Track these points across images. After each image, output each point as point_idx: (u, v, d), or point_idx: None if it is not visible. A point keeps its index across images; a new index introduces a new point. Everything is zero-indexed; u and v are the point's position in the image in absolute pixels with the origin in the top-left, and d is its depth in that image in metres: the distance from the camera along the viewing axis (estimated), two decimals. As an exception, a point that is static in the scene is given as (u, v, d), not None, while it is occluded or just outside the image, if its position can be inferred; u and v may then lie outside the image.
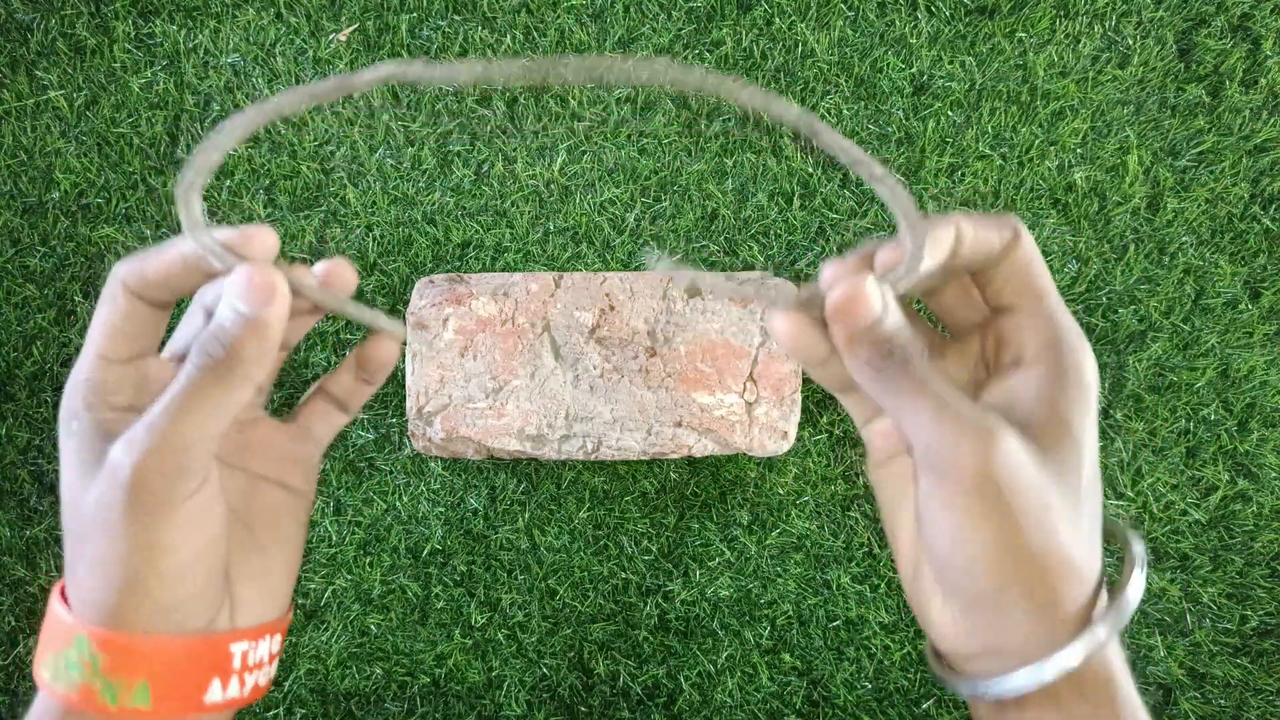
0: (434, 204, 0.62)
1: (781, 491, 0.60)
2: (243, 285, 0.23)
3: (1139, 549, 0.25)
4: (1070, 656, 0.22)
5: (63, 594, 0.25)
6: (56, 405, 0.60)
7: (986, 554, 0.22)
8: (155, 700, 0.24)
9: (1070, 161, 0.62)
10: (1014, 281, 0.24)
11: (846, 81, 0.63)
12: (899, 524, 0.27)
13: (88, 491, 0.23)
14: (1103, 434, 0.61)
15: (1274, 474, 0.60)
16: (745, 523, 0.60)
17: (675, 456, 0.56)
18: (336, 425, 0.31)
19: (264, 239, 0.24)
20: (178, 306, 0.41)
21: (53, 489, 0.60)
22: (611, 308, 0.55)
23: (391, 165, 0.63)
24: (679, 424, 0.55)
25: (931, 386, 0.22)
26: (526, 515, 0.60)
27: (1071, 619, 0.23)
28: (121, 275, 0.24)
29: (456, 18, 0.63)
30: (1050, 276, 0.24)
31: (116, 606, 0.24)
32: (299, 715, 0.59)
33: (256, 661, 0.26)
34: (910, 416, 0.22)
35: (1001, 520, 0.22)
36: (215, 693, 0.25)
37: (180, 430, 0.23)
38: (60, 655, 0.24)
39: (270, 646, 0.28)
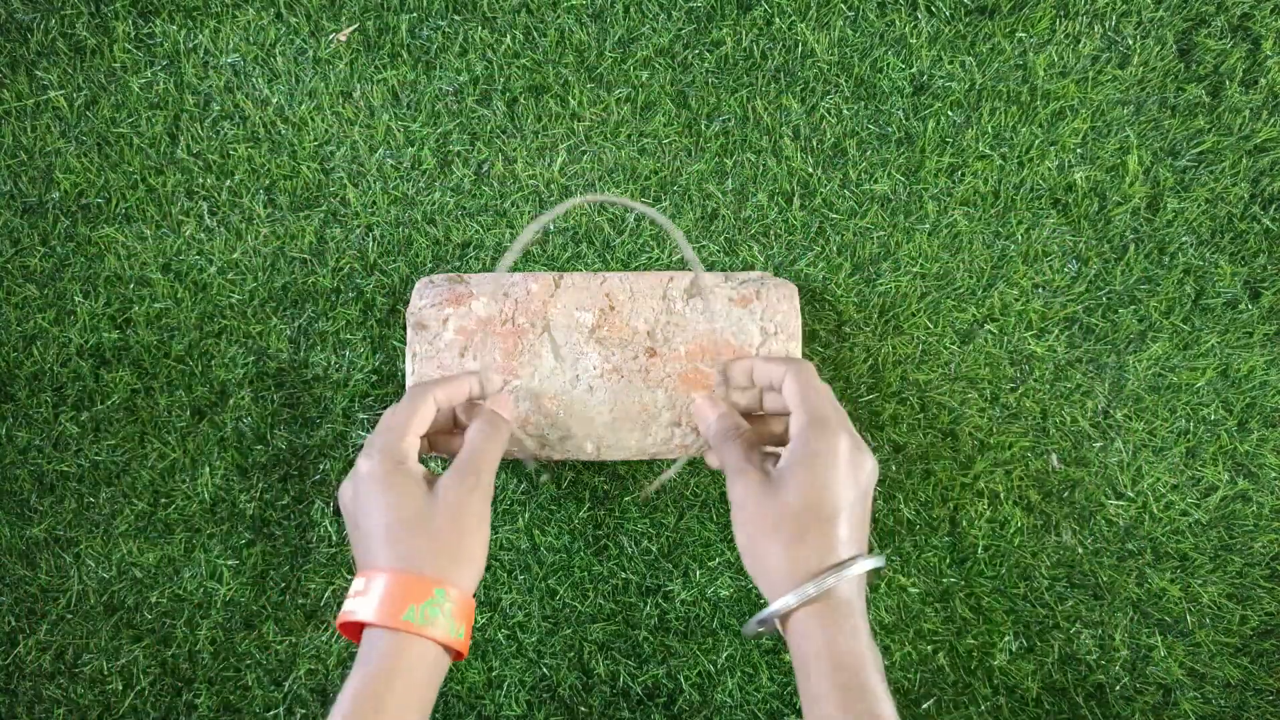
0: (434, 204, 0.62)
1: (781, 491, 0.60)
2: (505, 402, 0.52)
3: (874, 559, 0.43)
4: (793, 598, 0.41)
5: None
6: (56, 405, 0.60)
7: (741, 539, 0.45)
8: (466, 638, 0.43)
9: (1070, 161, 0.62)
10: (791, 395, 0.47)
11: (846, 81, 0.63)
12: None
13: (432, 504, 0.43)
14: (1103, 434, 0.61)
15: (1274, 474, 0.61)
16: (745, 523, 0.60)
17: (675, 456, 0.56)
18: None
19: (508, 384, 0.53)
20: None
21: (53, 489, 0.60)
22: (611, 308, 0.55)
23: (391, 165, 0.63)
24: (678, 424, 0.55)
25: (737, 451, 0.47)
26: (526, 515, 0.60)
27: (791, 582, 0.41)
28: (434, 392, 0.49)
29: (456, 18, 0.63)
30: (819, 392, 0.46)
31: (458, 571, 0.42)
32: (299, 715, 0.59)
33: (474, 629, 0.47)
34: (727, 466, 0.47)
35: (742, 520, 0.45)
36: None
37: (484, 461, 0.47)
38: (423, 604, 0.40)
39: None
